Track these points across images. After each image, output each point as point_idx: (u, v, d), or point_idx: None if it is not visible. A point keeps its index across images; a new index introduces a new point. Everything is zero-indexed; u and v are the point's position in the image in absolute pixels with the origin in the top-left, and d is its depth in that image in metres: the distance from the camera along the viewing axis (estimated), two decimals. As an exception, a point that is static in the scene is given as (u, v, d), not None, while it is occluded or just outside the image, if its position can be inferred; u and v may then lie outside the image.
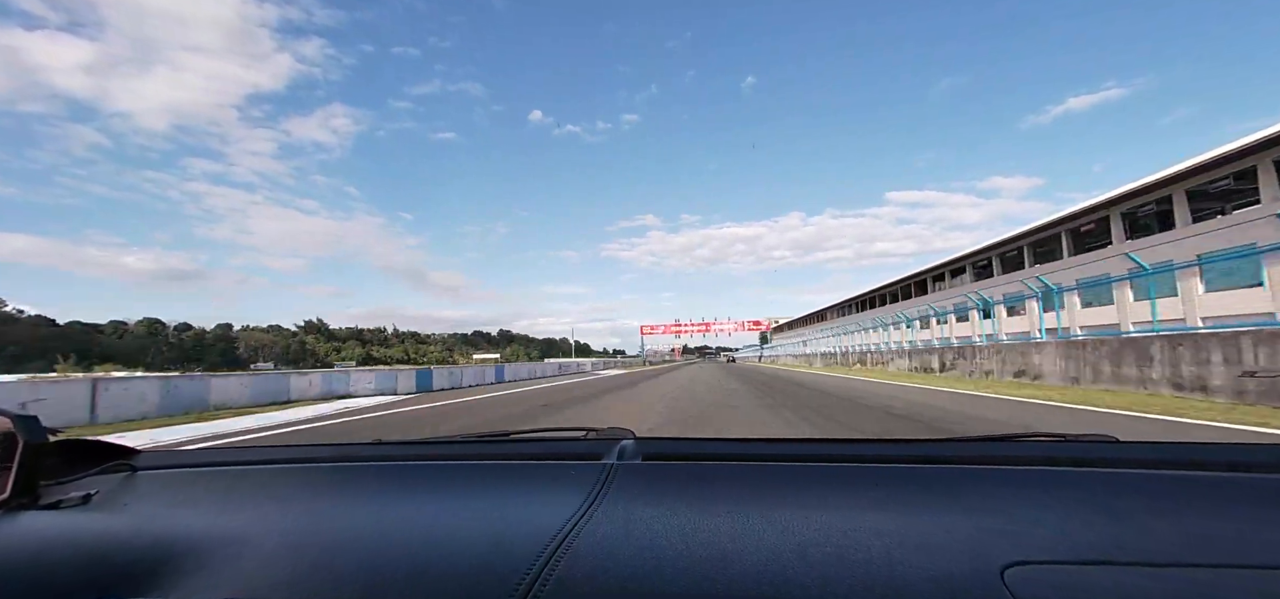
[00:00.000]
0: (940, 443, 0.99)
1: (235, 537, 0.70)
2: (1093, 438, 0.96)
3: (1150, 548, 0.59)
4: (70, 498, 0.79)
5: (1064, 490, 0.73)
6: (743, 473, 0.87)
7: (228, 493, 0.92)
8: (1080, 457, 0.88)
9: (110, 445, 1.02)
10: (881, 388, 14.88)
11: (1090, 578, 0.55)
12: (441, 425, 9.40)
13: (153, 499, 0.87)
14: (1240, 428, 6.45)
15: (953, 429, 7.07)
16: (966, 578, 0.55)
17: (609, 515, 0.70)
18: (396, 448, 1.15)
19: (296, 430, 8.88)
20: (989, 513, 0.68)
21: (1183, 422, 6.94)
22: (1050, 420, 7.65)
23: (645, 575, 0.58)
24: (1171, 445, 0.88)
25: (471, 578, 0.59)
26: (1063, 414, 8.17)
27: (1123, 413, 7.97)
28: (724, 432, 7.23)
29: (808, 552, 0.60)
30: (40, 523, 0.74)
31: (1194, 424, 6.70)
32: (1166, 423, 6.97)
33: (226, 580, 0.62)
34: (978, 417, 8.30)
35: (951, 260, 35.95)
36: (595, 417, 9.71)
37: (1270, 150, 17.07)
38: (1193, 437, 5.98)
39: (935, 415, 8.53)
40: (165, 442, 7.71)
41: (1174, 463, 0.81)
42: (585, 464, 0.91)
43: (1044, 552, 0.59)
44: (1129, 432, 6.33)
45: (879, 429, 7.34)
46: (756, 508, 0.72)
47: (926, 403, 10.50)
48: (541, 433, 1.19)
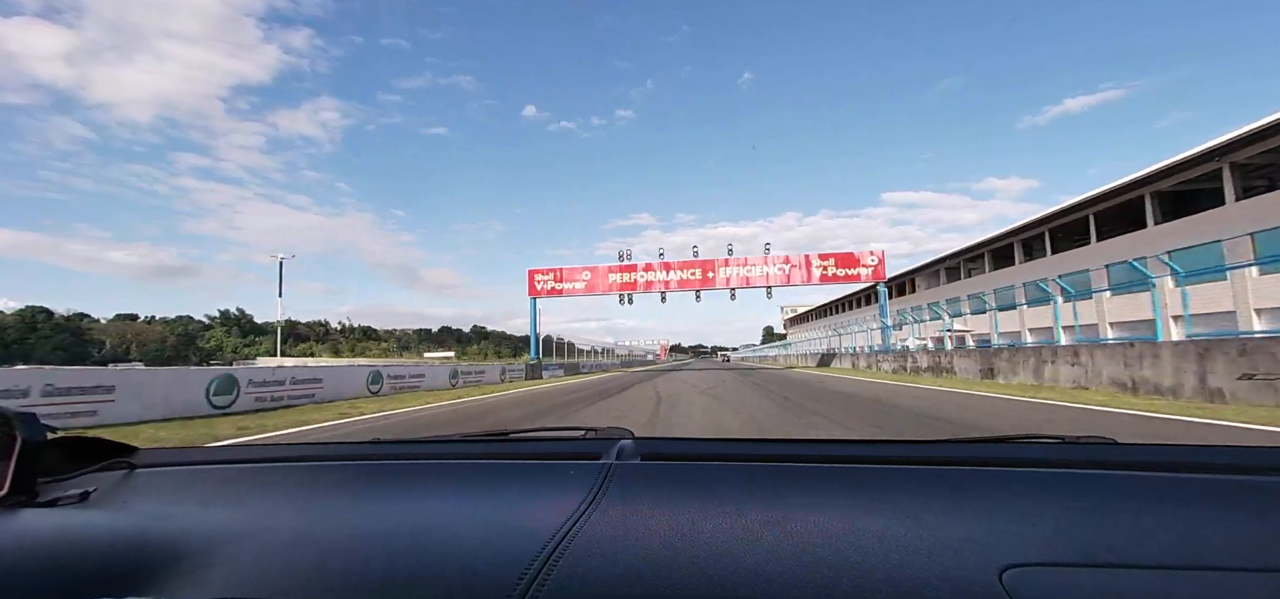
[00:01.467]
0: (939, 444, 0.99)
1: (234, 535, 0.70)
2: (1091, 440, 0.96)
3: (1149, 551, 0.59)
4: (68, 495, 0.79)
5: (1062, 492, 0.74)
6: (741, 473, 0.87)
7: (226, 491, 0.92)
8: (1079, 459, 0.88)
9: (109, 443, 1.02)
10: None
11: (1089, 580, 0.55)
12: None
13: (151, 497, 0.87)
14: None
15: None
16: (965, 580, 0.55)
17: (608, 515, 0.70)
18: (395, 447, 1.16)
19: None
20: (988, 515, 0.68)
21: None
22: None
23: (644, 575, 0.58)
24: (1170, 448, 0.88)
25: (470, 577, 0.59)
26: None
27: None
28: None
29: (806, 552, 0.60)
30: (38, 520, 0.73)
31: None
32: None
33: (225, 579, 0.62)
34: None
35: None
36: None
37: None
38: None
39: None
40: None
41: (1173, 465, 0.81)
42: (584, 464, 0.91)
43: (1042, 554, 0.59)
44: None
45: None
46: (755, 508, 0.72)
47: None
48: (540, 433, 1.20)
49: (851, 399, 11.39)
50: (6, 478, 0.75)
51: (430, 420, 10.34)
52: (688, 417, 9.10)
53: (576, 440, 1.10)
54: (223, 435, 7.70)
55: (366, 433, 8.71)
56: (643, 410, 10.36)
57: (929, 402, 10.73)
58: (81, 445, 0.98)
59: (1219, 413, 7.40)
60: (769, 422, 8.24)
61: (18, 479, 0.76)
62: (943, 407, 9.63)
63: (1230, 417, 7.06)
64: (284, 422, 9.57)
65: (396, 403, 13.83)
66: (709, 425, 8.04)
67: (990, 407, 9.55)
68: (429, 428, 9.40)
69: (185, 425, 8.87)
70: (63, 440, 0.93)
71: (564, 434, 1.16)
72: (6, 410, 0.78)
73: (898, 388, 14.46)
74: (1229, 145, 18.79)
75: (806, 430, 7.29)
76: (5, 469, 0.76)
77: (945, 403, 10.31)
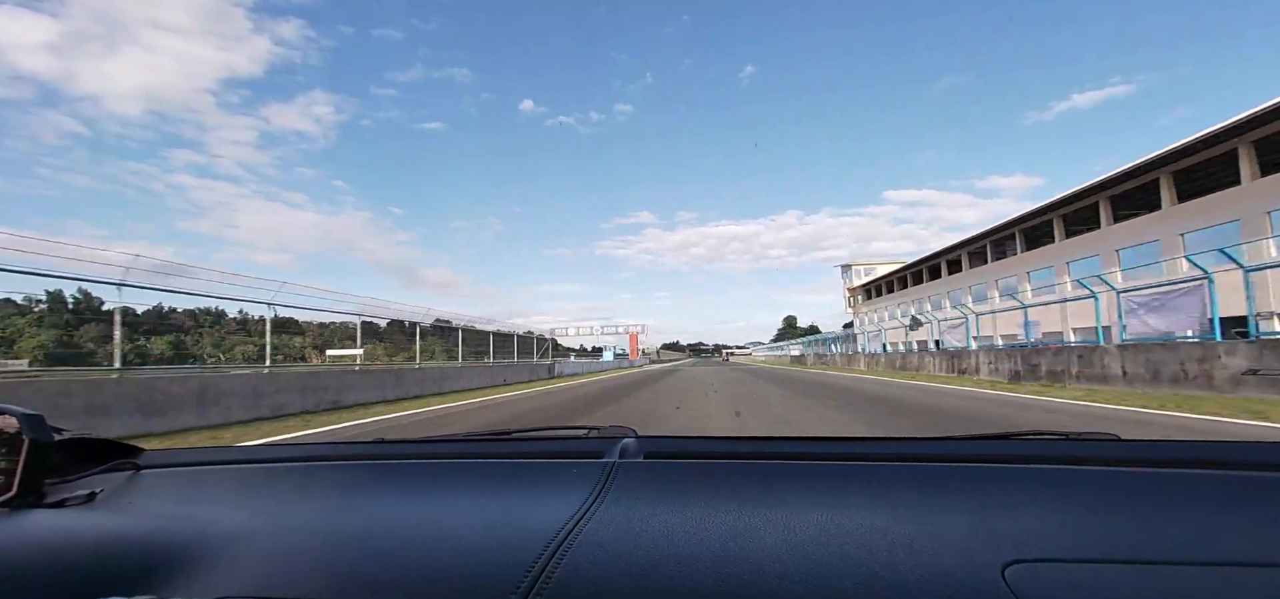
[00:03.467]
0: (942, 441, 0.99)
1: (240, 535, 0.70)
2: (1095, 436, 0.96)
3: (1153, 546, 0.59)
4: (75, 496, 0.80)
5: (1066, 488, 0.73)
6: (745, 472, 0.87)
7: (232, 492, 0.92)
8: (1082, 455, 0.88)
9: (115, 444, 1.02)
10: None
11: (1092, 576, 0.55)
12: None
13: (157, 498, 0.87)
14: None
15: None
16: (968, 576, 0.55)
17: (611, 514, 0.71)
18: (398, 447, 1.16)
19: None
20: (991, 511, 0.68)
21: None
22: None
23: (647, 574, 0.58)
24: (1175, 443, 0.88)
25: (473, 576, 0.60)
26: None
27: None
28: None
29: (809, 550, 0.60)
30: (45, 521, 0.74)
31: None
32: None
33: (231, 579, 0.62)
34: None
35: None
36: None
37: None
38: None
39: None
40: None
41: (1177, 461, 0.81)
42: (587, 462, 0.91)
43: (1046, 550, 0.59)
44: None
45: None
46: (758, 507, 0.72)
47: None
48: (543, 432, 1.20)
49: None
50: (14, 480, 0.76)
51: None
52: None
53: (579, 439, 1.10)
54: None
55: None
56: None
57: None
58: (88, 447, 0.98)
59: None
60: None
61: (25, 481, 0.76)
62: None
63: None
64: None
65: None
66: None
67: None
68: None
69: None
70: (69, 442, 0.94)
71: (566, 433, 1.16)
72: (14, 411, 0.79)
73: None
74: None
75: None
76: (13, 471, 0.76)
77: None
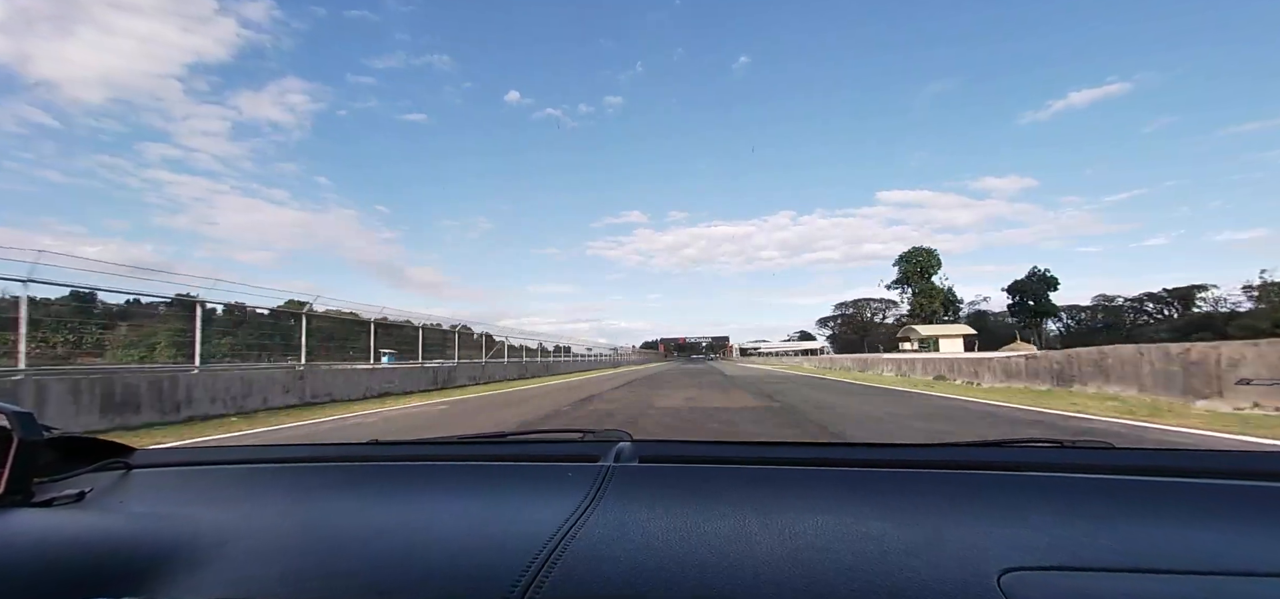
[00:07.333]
0: (937, 448, 0.99)
1: (230, 535, 0.70)
2: (1090, 444, 0.96)
3: (1147, 555, 0.59)
4: (64, 495, 0.79)
5: (1061, 496, 0.74)
6: (740, 476, 0.87)
7: (223, 491, 0.92)
8: (1077, 463, 0.88)
9: (105, 443, 1.01)
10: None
11: (1087, 584, 0.55)
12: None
13: (147, 497, 0.87)
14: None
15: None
16: (963, 583, 0.55)
17: (605, 517, 0.70)
18: (393, 448, 1.15)
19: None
20: (986, 518, 0.68)
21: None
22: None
23: (641, 578, 0.58)
24: (1169, 452, 0.88)
25: (467, 578, 0.59)
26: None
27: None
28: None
29: (804, 556, 0.60)
30: (34, 520, 0.73)
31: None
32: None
33: (221, 579, 0.61)
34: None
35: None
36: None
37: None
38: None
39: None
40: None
41: (1171, 470, 0.82)
42: (582, 466, 0.91)
43: (1041, 558, 0.59)
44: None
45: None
46: (753, 511, 0.71)
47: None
48: (539, 434, 1.19)
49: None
50: (3, 478, 0.75)
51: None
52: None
53: (574, 442, 1.10)
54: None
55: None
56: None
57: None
58: (78, 445, 0.97)
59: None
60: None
61: (14, 479, 0.75)
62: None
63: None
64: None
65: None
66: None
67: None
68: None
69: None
70: (59, 440, 0.93)
71: (562, 436, 1.16)
72: (2, 408, 0.78)
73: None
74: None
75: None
76: (1, 469, 0.76)
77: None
